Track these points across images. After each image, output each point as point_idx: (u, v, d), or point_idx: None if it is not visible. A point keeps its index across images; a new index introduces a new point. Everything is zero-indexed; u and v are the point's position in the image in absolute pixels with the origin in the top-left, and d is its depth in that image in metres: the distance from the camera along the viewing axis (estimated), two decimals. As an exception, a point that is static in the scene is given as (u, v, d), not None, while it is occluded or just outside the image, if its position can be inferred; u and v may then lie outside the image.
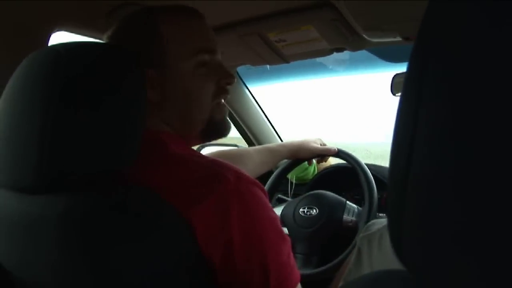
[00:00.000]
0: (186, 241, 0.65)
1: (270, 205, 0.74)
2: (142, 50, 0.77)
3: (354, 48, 1.23)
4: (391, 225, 0.29)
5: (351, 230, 1.23)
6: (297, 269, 0.73)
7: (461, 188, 0.25)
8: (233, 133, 1.78)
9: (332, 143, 1.42)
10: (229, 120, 0.89)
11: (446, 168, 0.25)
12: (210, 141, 0.89)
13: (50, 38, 1.01)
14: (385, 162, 1.56)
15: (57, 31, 1.03)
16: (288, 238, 0.73)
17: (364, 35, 1.13)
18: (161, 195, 0.66)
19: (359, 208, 1.30)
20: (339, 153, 1.38)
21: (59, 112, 0.61)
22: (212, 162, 0.72)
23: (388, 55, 1.53)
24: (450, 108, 0.25)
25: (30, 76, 0.65)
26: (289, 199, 1.51)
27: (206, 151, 1.68)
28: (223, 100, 0.86)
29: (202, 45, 0.81)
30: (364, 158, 1.35)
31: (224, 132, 0.88)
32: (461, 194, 0.25)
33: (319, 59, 1.45)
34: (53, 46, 0.67)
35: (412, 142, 0.27)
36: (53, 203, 0.63)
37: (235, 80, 0.87)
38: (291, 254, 0.73)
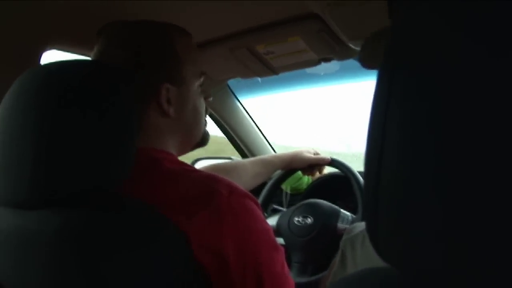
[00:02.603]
0: (183, 253, 0.66)
1: (263, 216, 0.75)
2: (158, 67, 0.80)
3: (342, 57, 1.25)
4: (367, 222, 0.30)
5: None
6: (291, 279, 0.73)
7: (427, 184, 0.26)
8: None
9: (327, 153, 1.43)
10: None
11: (414, 167, 0.27)
12: (192, 151, 0.95)
13: (42, 57, 1.02)
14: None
15: (49, 49, 1.04)
16: (282, 248, 0.74)
17: (350, 45, 1.14)
18: (157, 210, 0.67)
19: (353, 216, 1.31)
20: (332, 162, 1.39)
21: (53, 130, 0.62)
22: (205, 177, 0.74)
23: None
24: (417, 109, 0.26)
25: (24, 94, 0.66)
26: (284, 209, 1.51)
27: (201, 164, 1.69)
28: None
29: (204, 68, 0.89)
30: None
31: (206, 143, 0.96)
32: (428, 189, 0.26)
33: (309, 70, 1.46)
34: (45, 65, 0.68)
35: (383, 144, 0.28)
36: (49, 218, 0.64)
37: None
38: (285, 264, 0.74)
